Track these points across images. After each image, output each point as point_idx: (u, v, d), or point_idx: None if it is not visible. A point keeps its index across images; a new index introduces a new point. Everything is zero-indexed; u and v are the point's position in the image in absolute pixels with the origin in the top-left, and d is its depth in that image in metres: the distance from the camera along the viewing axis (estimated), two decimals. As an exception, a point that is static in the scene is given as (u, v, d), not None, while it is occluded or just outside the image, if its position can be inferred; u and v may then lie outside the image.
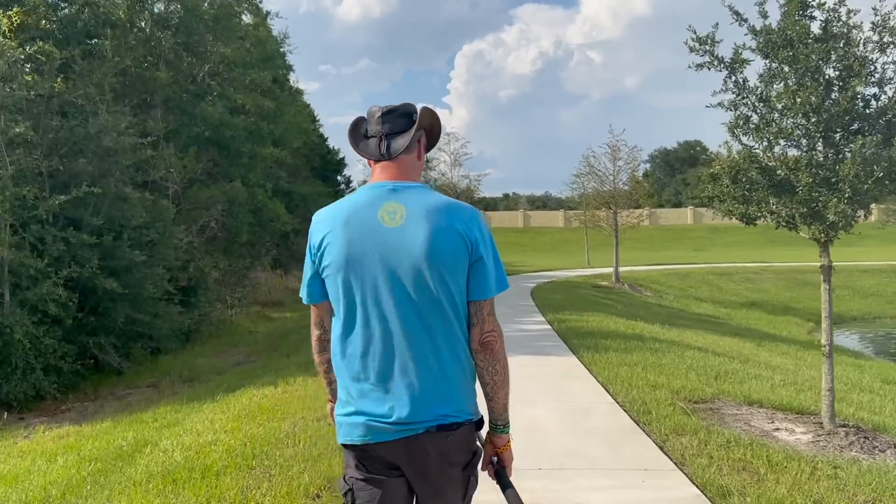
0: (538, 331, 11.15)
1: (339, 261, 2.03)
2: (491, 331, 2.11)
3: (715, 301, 22.58)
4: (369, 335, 2.03)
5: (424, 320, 2.02)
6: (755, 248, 58.58)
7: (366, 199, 2.08)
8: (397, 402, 2.02)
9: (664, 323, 14.27)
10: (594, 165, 22.00)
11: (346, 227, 2.04)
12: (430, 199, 2.07)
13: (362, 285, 2.02)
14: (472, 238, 2.04)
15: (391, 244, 2.01)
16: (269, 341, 13.96)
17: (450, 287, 2.02)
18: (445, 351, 2.05)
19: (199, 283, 13.95)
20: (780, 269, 28.86)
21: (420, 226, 2.01)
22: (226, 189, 13.09)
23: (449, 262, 2.01)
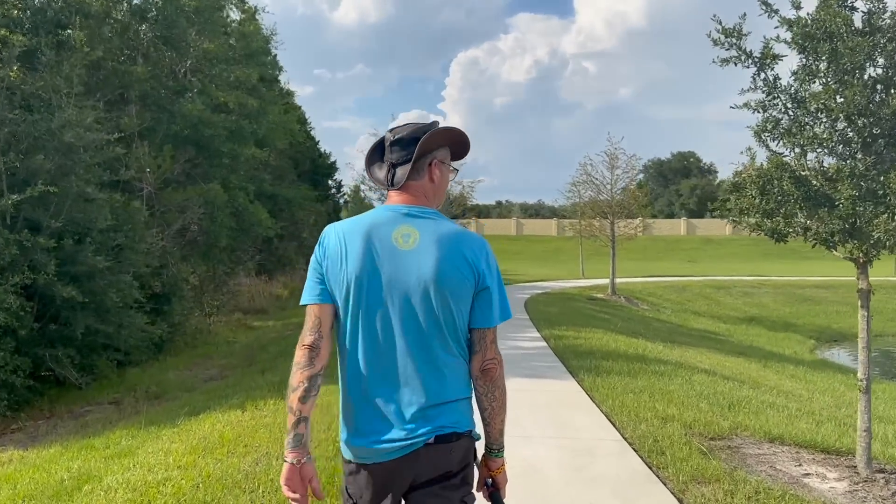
0: (533, 349, 10.39)
1: (351, 275, 2.07)
2: (492, 358, 2.16)
3: (713, 316, 21.90)
4: (373, 352, 2.07)
5: (428, 341, 2.07)
6: (749, 261, 58.30)
7: (382, 220, 2.13)
8: (398, 418, 2.06)
9: (665, 340, 13.55)
10: (591, 174, 21.32)
11: (361, 243, 2.08)
12: (443, 227, 2.14)
13: (371, 302, 2.07)
14: (480, 268, 2.11)
15: (402, 266, 2.07)
16: (246, 353, 13.15)
17: (454, 312, 2.08)
18: (446, 372, 2.09)
19: (173, 290, 13.13)
20: (779, 284, 28.23)
21: (431, 251, 2.08)
22: (202, 191, 12.28)
23: (455, 288, 2.07)
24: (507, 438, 2.26)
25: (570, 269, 38.91)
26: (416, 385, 2.07)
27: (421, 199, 2.19)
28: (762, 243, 75.30)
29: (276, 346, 12.86)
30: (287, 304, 23.79)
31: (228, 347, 14.32)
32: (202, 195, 12.31)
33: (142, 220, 11.00)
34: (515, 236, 71.93)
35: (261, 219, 14.42)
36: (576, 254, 60.95)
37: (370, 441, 2.07)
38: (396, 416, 2.06)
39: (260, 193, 16.87)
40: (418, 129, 2.19)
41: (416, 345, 2.07)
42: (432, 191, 2.23)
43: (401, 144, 2.17)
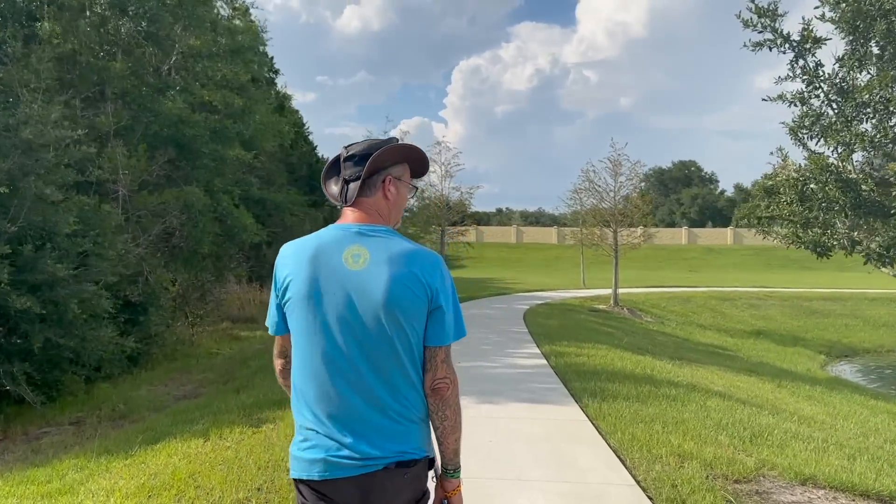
0: (532, 367, 9.61)
1: (301, 297, 2.07)
2: (443, 377, 2.10)
3: (720, 329, 21.10)
4: (327, 372, 2.05)
5: (382, 362, 2.05)
6: (751, 271, 57.79)
7: (331, 239, 2.11)
8: (357, 438, 2.03)
9: (673, 357, 12.76)
10: (594, 180, 20.54)
11: (309, 265, 2.08)
12: (394, 245, 2.10)
13: (322, 323, 2.05)
14: (434, 286, 2.07)
15: (352, 286, 2.05)
16: (226, 368, 12.35)
17: (406, 332, 2.05)
18: (405, 390, 2.08)
19: (150, 299, 12.34)
20: (785, 296, 27.43)
21: (382, 271, 2.05)
22: (181, 194, 11.49)
23: (407, 308, 2.04)
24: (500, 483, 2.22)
25: (571, 278, 38.10)
26: (375, 406, 2.05)
27: (374, 217, 2.16)
28: (764, 253, 74.60)
29: (258, 360, 12.07)
30: (278, 313, 23.05)
31: (210, 360, 13.52)
32: (181, 199, 11.51)
33: (113, 224, 10.21)
34: (515, 244, 71.31)
35: (246, 224, 13.61)
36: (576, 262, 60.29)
37: (326, 454, 2.04)
38: (355, 435, 2.03)
39: (247, 198, 16.05)
40: (372, 145, 2.16)
41: (374, 367, 2.05)
42: (387, 208, 2.20)
43: (353, 160, 2.15)
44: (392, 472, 2.05)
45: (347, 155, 2.16)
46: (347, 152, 2.17)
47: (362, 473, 2.03)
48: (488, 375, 8.86)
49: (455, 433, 2.15)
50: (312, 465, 2.06)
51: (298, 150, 32.81)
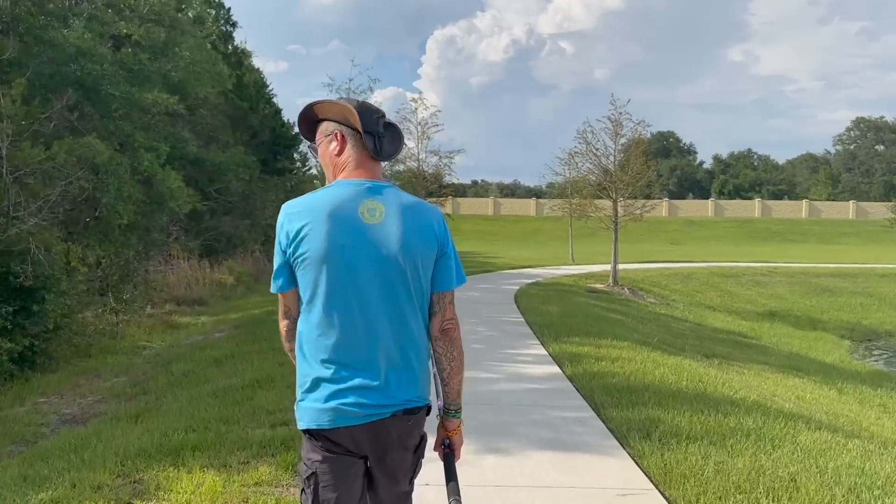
0: (543, 379, 7.13)
1: (320, 252, 2.09)
2: (451, 318, 2.23)
3: (730, 310, 18.88)
4: (346, 324, 2.10)
5: (398, 311, 2.13)
6: (734, 243, 56.18)
7: (346, 195, 2.17)
8: (369, 386, 2.10)
9: (703, 353, 10.41)
10: (591, 142, 17.99)
11: (327, 220, 2.11)
12: (404, 198, 2.21)
13: (341, 277, 2.09)
14: (441, 235, 2.20)
15: (370, 239, 2.11)
16: (144, 371, 9.72)
17: (420, 280, 2.16)
18: (416, 339, 2.18)
19: (47, 283, 9.64)
20: (790, 271, 25.32)
21: (397, 223, 2.14)
22: (73, 147, 8.73)
23: (423, 256, 2.16)
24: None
25: (554, 253, 35.76)
26: (388, 356, 2.12)
27: (378, 174, 2.26)
28: (746, 225, 72.85)
29: (188, 360, 9.47)
30: (231, 293, 20.25)
31: (130, 358, 10.87)
32: (72, 153, 8.75)
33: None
34: (493, 216, 68.98)
35: (172, 188, 10.88)
36: (556, 235, 58.02)
37: (337, 402, 2.09)
38: (366, 384, 2.10)
39: (181, 158, 13.25)
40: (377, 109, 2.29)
41: (388, 317, 2.12)
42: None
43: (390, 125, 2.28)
44: (399, 418, 2.14)
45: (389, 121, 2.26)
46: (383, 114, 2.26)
47: (371, 421, 2.10)
48: (487, 396, 6.36)
49: (460, 374, 2.28)
50: (323, 413, 2.11)
51: (260, 113, 29.80)
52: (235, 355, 9.08)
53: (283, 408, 5.88)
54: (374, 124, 2.22)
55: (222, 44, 26.95)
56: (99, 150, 9.01)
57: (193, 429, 5.55)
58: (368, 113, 2.23)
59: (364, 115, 2.22)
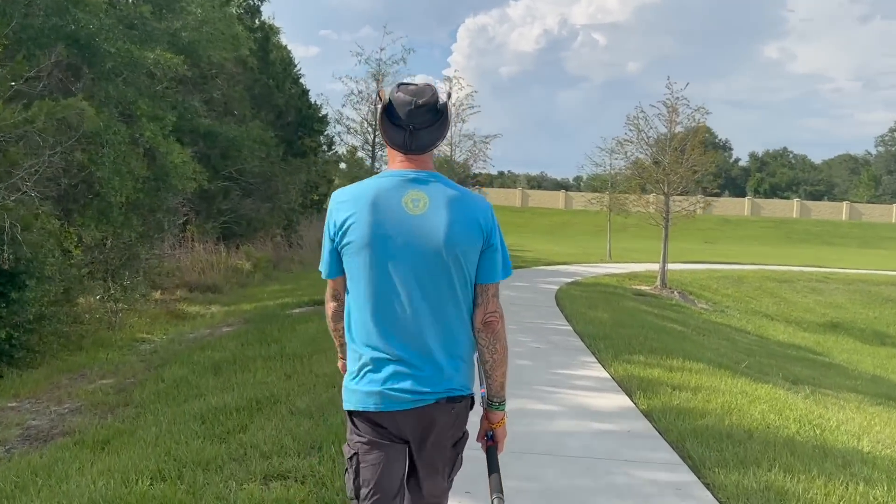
0: (611, 414, 5.66)
1: (364, 240, 2.13)
2: (493, 311, 2.22)
3: (787, 319, 17.23)
4: (390, 312, 2.13)
5: (440, 301, 2.15)
6: (770, 244, 54.20)
7: (390, 185, 2.17)
8: (413, 373, 2.13)
9: (782, 375, 8.89)
10: (643, 130, 16.37)
11: (371, 209, 2.14)
12: (449, 190, 2.19)
13: (384, 266, 2.13)
14: (487, 228, 2.19)
15: (414, 230, 2.13)
16: (139, 371, 8.43)
17: (463, 272, 2.16)
18: (456, 329, 2.18)
19: (30, 267, 8.38)
20: (847, 278, 23.50)
21: (441, 214, 2.13)
22: (55, 109, 7.38)
23: (465, 248, 2.15)
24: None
25: (584, 248, 34.19)
26: (432, 343, 2.14)
27: (428, 164, 2.23)
28: (784, 225, 70.45)
29: (185, 363, 8.15)
30: (248, 280, 18.98)
31: (124, 355, 9.59)
32: (56, 116, 7.41)
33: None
34: (520, 208, 67.38)
35: (175, 163, 9.53)
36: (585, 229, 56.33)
37: (382, 388, 2.12)
38: (411, 372, 2.13)
39: (191, 130, 11.89)
40: (434, 94, 2.20)
41: (432, 307, 2.14)
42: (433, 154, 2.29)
43: (425, 110, 2.17)
44: (442, 406, 2.15)
45: (421, 104, 2.16)
46: (419, 100, 2.17)
47: (415, 407, 2.13)
48: (547, 440, 4.92)
49: (503, 367, 2.26)
50: (369, 397, 2.15)
51: (286, 93, 28.47)
52: (238, 360, 7.74)
53: (281, 449, 4.50)
54: (407, 116, 2.17)
55: (249, 17, 25.63)
56: (87, 115, 7.68)
57: (163, 475, 4.20)
58: (401, 105, 2.18)
59: (394, 107, 2.19)
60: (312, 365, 7.08)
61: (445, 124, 2.22)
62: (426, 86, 2.24)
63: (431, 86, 2.24)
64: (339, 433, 4.67)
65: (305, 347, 8.01)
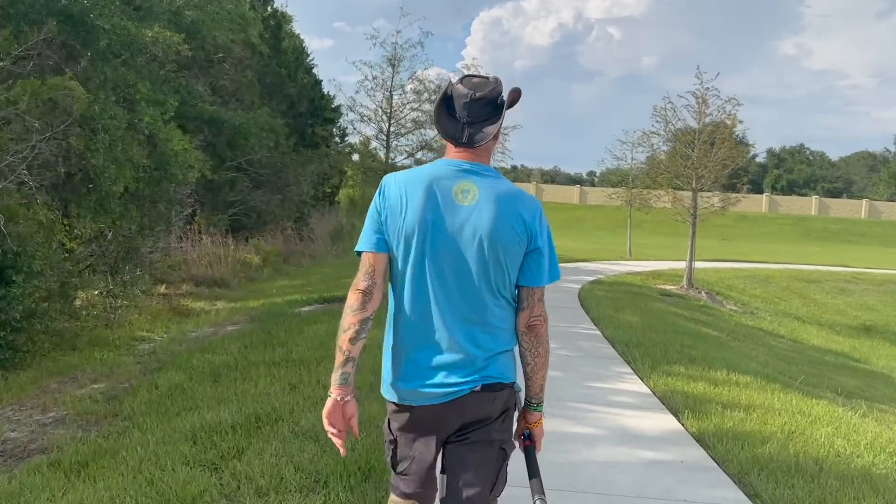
0: (659, 439, 4.95)
1: (410, 225, 2.10)
2: (538, 315, 2.19)
3: (819, 322, 16.42)
4: (428, 301, 2.11)
5: (479, 295, 2.11)
6: (789, 242, 53.25)
7: (444, 173, 2.16)
8: (447, 366, 2.10)
9: (830, 387, 8.16)
10: (672, 122, 15.59)
11: (422, 195, 2.11)
12: (500, 186, 2.16)
13: (426, 253, 2.10)
14: (533, 229, 2.14)
15: (460, 221, 2.10)
16: (134, 374, 7.80)
17: (505, 269, 2.12)
18: (495, 324, 2.14)
19: (16, 260, 7.77)
20: (875, 279, 22.60)
21: (488, 209, 2.10)
22: (41, 88, 6.70)
23: (509, 246, 2.11)
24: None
25: (601, 244, 33.40)
26: (467, 335, 2.11)
27: (483, 158, 2.21)
28: (802, 223, 69.26)
29: (182, 367, 7.51)
30: (257, 275, 18.35)
31: (120, 356, 8.97)
32: (42, 96, 6.74)
33: None
34: (535, 203, 66.56)
35: (175, 150, 8.87)
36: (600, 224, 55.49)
37: (417, 385, 2.12)
38: (446, 363, 2.11)
39: (195, 117, 11.22)
40: (495, 89, 2.17)
41: (468, 297, 2.11)
42: (493, 148, 2.27)
43: (481, 104, 2.15)
44: (479, 394, 2.11)
45: (476, 98, 2.14)
46: (475, 94, 2.14)
47: (451, 400, 2.10)
48: (591, 473, 4.23)
49: (544, 370, 2.23)
50: (404, 393, 2.14)
51: (298, 82, 27.83)
52: (239, 366, 7.09)
53: (281, 483, 3.84)
54: (462, 109, 2.16)
55: (261, 4, 24.98)
56: (77, 96, 7.03)
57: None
58: (459, 97, 2.17)
59: (451, 99, 2.19)
60: (320, 374, 6.41)
61: (500, 120, 2.17)
62: (488, 79, 2.19)
63: (495, 79, 2.19)
64: (348, 464, 4.00)
65: (314, 352, 7.35)
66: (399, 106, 10.92)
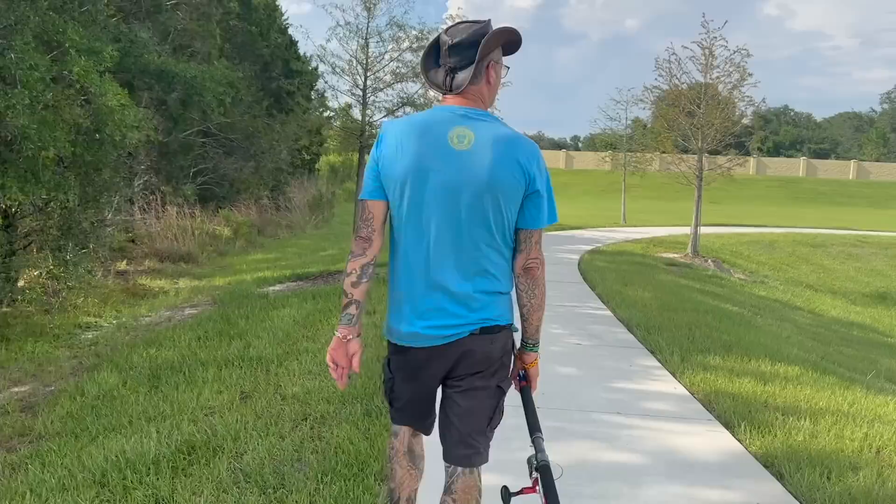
0: (717, 466, 3.78)
1: (406, 171, 2.09)
2: (535, 258, 2.19)
3: (832, 290, 15.39)
4: (424, 246, 2.12)
5: (476, 239, 2.11)
6: (778, 205, 52.68)
7: (439, 119, 2.13)
8: (445, 310, 2.11)
9: (875, 371, 7.07)
10: (676, 76, 14.28)
11: (418, 141, 2.10)
12: (497, 129, 2.13)
13: (423, 199, 2.09)
14: (531, 172, 2.11)
15: (456, 166, 2.07)
16: (66, 372, 6.54)
17: (502, 213, 2.11)
18: (492, 268, 2.14)
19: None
20: (882, 242, 21.62)
21: (485, 153, 2.08)
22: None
23: (506, 190, 2.09)
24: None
25: (590, 209, 32.29)
26: (464, 278, 2.11)
27: (477, 102, 2.18)
28: (790, 185, 68.57)
29: (121, 366, 6.26)
30: (228, 249, 17.00)
31: (56, 348, 7.70)
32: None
33: None
34: (521, 168, 65.37)
35: (111, 106, 7.51)
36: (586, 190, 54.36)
37: (418, 327, 2.13)
38: (444, 306, 2.11)
39: (142, 70, 9.70)
40: (476, 31, 2.12)
41: (465, 242, 2.11)
42: (488, 93, 2.21)
43: (460, 48, 2.12)
44: (477, 337, 2.13)
45: (453, 43, 2.11)
46: (452, 40, 2.12)
47: (449, 342, 2.12)
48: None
49: (540, 311, 2.24)
50: (406, 333, 2.16)
51: (271, 43, 26.15)
52: (186, 366, 5.84)
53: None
54: (444, 57, 2.16)
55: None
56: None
57: None
58: (442, 45, 2.16)
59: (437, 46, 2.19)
60: (280, 377, 5.19)
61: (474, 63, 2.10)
62: (468, 23, 2.15)
63: (476, 23, 2.15)
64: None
65: (275, 347, 6.12)
66: (376, 56, 9.57)
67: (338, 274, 10.65)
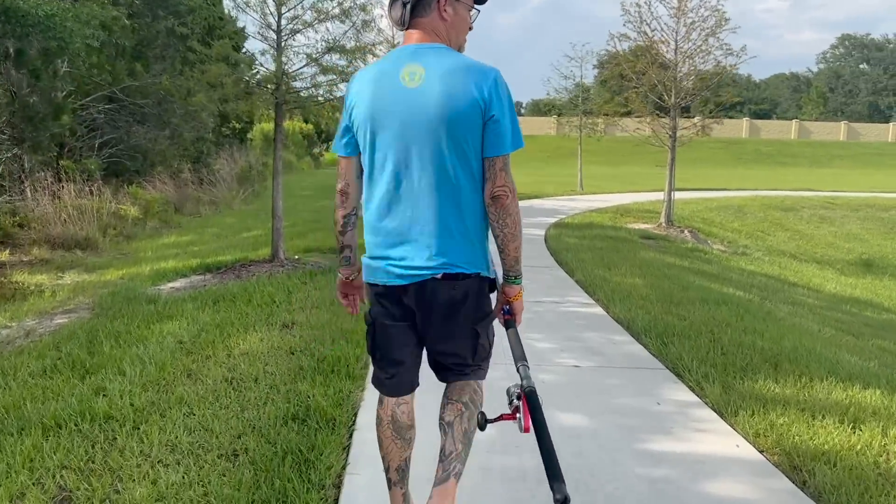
0: None
1: (364, 118, 2.08)
2: (502, 186, 2.09)
3: (814, 258, 14.11)
4: (389, 189, 2.10)
5: (438, 178, 2.05)
6: (724, 166, 52.61)
7: (392, 59, 2.10)
8: (411, 250, 2.11)
9: None
10: (647, 21, 12.54)
11: (372, 86, 2.08)
12: (448, 60, 2.06)
13: (384, 142, 2.07)
14: (486, 97, 2.02)
15: (409, 104, 2.03)
16: None
17: (464, 147, 2.04)
18: (457, 207, 2.08)
19: None
20: (851, 203, 20.63)
21: (436, 87, 2.01)
22: None
23: (463, 121, 2.01)
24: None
25: (538, 176, 30.75)
26: (429, 221, 2.08)
27: (431, 37, 2.12)
28: (734, 146, 68.48)
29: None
30: (137, 231, 14.68)
31: None
32: None
33: None
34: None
35: None
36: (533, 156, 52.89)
37: (384, 264, 2.15)
38: (408, 249, 2.11)
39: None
40: None
41: (428, 184, 2.06)
42: (444, 29, 2.15)
43: None
44: (439, 282, 2.11)
45: None
46: None
47: (414, 282, 2.12)
48: None
49: (515, 241, 2.15)
50: (376, 272, 2.19)
51: None
52: (4, 426, 3.87)
53: None
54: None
55: None
56: None
57: None
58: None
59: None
60: (126, 458, 3.27)
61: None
62: None
63: None
64: None
65: (139, 393, 4.15)
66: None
67: (255, 264, 8.68)
